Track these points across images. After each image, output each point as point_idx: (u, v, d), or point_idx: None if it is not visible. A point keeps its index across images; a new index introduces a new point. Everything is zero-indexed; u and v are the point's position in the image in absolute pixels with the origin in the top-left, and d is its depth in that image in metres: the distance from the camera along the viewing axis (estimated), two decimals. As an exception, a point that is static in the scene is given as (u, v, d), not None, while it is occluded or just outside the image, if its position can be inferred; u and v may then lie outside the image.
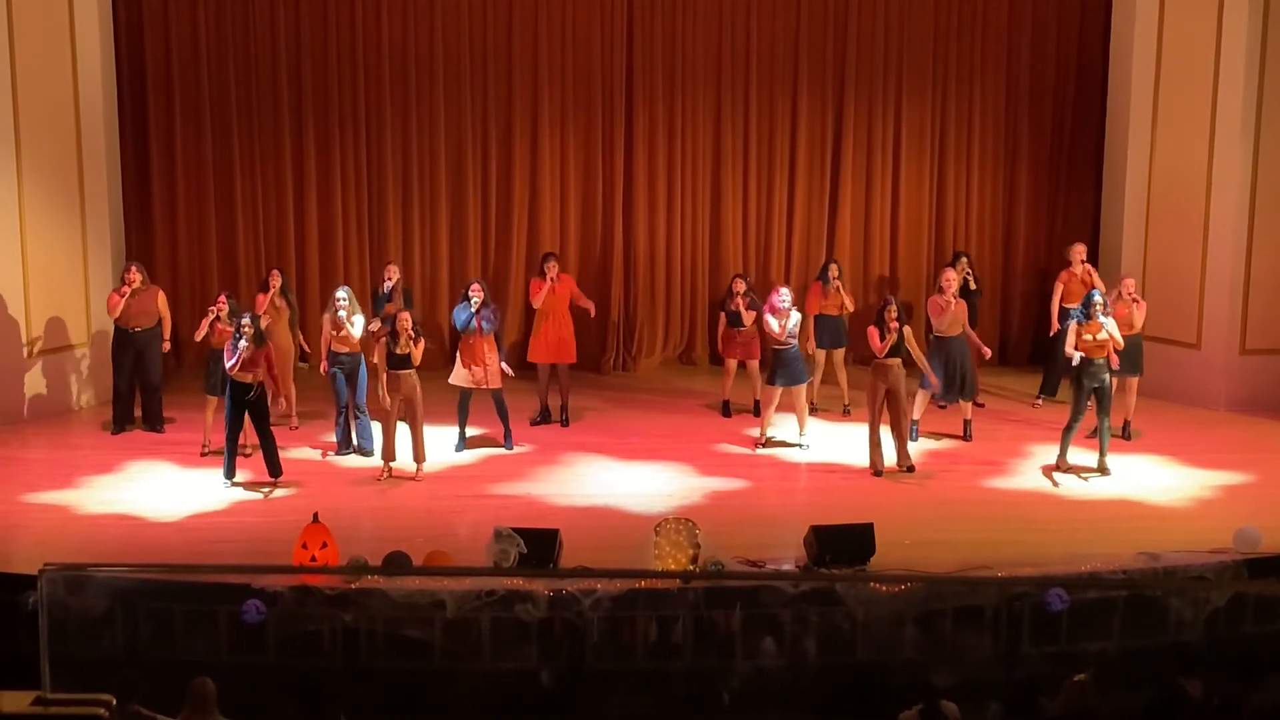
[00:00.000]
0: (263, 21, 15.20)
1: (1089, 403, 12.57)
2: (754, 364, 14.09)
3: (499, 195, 15.78)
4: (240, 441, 12.35)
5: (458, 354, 13.32)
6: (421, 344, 12.48)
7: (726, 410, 14.27)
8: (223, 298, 12.98)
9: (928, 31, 15.83)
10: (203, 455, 12.91)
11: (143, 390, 13.73)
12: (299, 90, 15.36)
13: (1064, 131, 16.18)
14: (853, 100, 15.88)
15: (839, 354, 14.46)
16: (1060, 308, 14.20)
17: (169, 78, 15.13)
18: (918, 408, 13.46)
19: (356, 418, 13.10)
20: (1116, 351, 12.58)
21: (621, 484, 12.56)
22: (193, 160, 15.30)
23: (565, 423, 14.00)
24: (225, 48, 15.16)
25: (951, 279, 13.65)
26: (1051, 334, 14.42)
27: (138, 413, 13.76)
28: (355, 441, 13.10)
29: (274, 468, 12.26)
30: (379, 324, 13.07)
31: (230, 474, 12.28)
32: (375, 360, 12.58)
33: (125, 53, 14.97)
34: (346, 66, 15.37)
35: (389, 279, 13.75)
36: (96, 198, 14.32)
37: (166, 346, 13.79)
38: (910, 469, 12.62)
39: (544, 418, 13.91)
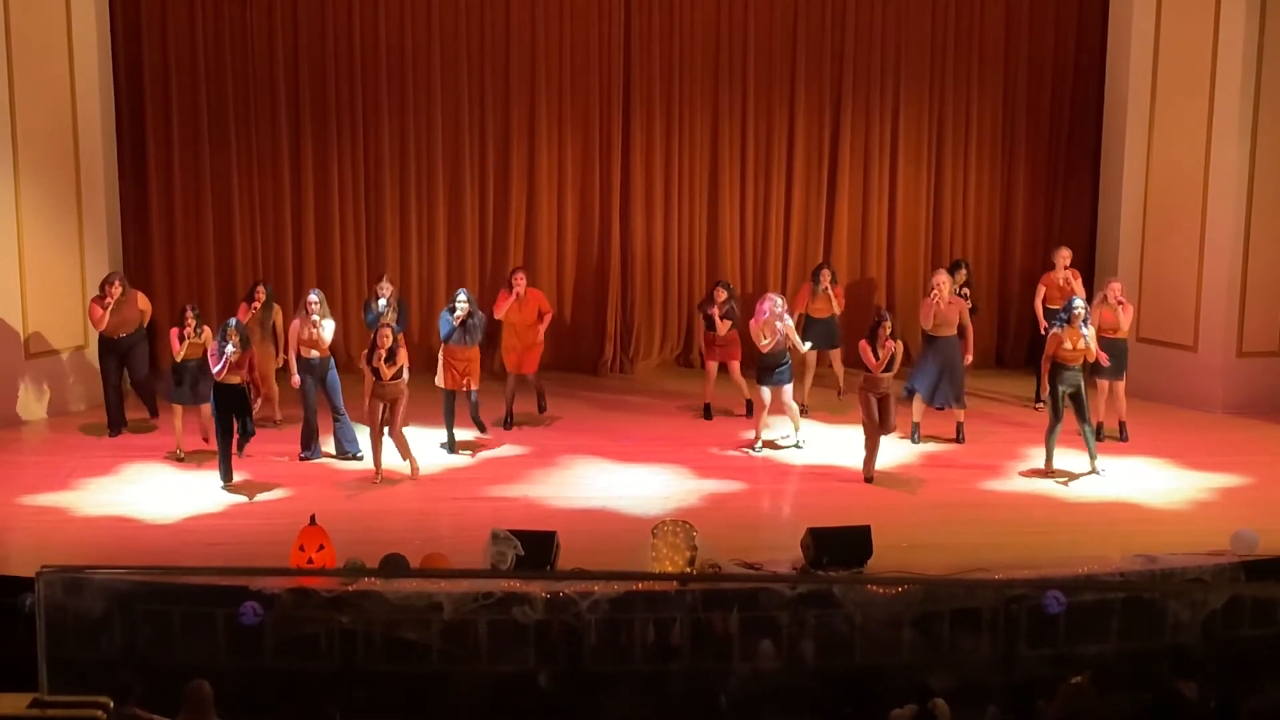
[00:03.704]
0: (260, 28, 15.17)
1: (1067, 406, 12.58)
2: (735, 364, 14.11)
3: (496, 198, 15.77)
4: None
5: (440, 358, 13.34)
6: (394, 368, 12.42)
7: (708, 413, 14.28)
8: (189, 314, 12.91)
9: (925, 33, 15.82)
10: (179, 460, 12.90)
11: (134, 385, 13.84)
12: (296, 95, 15.34)
13: (1061, 133, 16.19)
14: (850, 102, 15.88)
15: (835, 353, 14.45)
16: (1045, 308, 14.22)
17: (166, 83, 15.09)
18: (916, 410, 13.47)
19: (337, 420, 13.10)
20: (1089, 360, 12.63)
21: (618, 486, 12.56)
22: (190, 165, 15.26)
23: (542, 409, 14.06)
24: (222, 54, 15.13)
25: (942, 282, 13.60)
26: (1043, 331, 14.43)
27: (136, 415, 13.77)
28: (339, 446, 13.09)
29: (241, 445, 12.41)
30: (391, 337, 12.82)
31: (227, 478, 12.28)
32: (362, 366, 12.64)
33: (122, 58, 14.93)
34: (344, 72, 15.35)
35: (383, 295, 13.67)
36: (94, 202, 14.32)
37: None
38: (869, 479, 12.57)
39: (508, 423, 13.89)
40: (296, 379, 13.00)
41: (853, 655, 10.05)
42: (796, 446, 13.40)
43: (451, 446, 13.27)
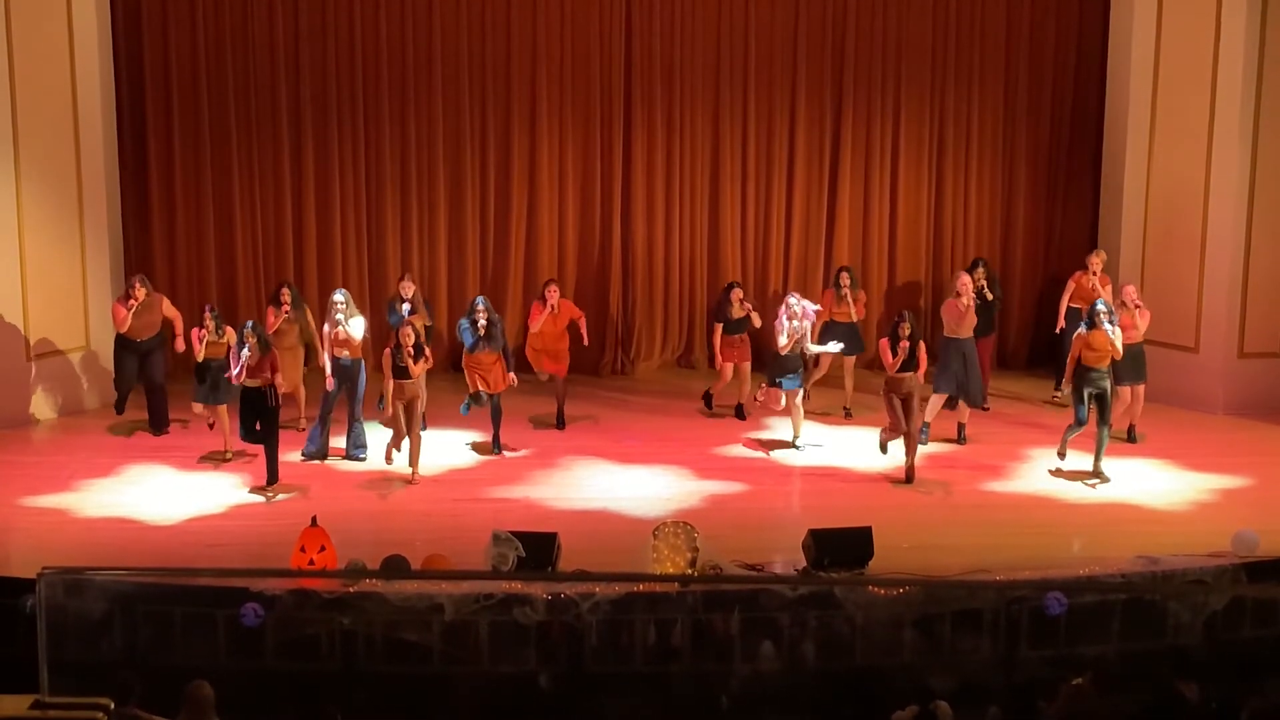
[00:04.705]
0: (261, 28, 15.17)
1: (1091, 408, 12.57)
2: (746, 365, 14.11)
3: (497, 199, 15.77)
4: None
5: (465, 369, 13.30)
6: (422, 363, 12.51)
7: (708, 402, 14.32)
8: (208, 315, 12.92)
9: (926, 36, 15.82)
10: (225, 461, 12.92)
11: (147, 390, 13.75)
12: (296, 92, 15.34)
13: (1062, 137, 16.19)
14: (851, 105, 15.88)
15: (849, 360, 14.43)
16: (1068, 307, 14.20)
17: (167, 83, 15.10)
18: (930, 410, 13.43)
19: (352, 424, 13.10)
20: (1116, 359, 12.61)
21: (620, 487, 12.56)
22: (191, 165, 15.27)
23: (561, 425, 14.01)
24: (223, 54, 15.14)
25: (968, 283, 13.63)
26: (1058, 331, 14.41)
27: (137, 416, 13.78)
28: (349, 449, 13.09)
29: (272, 474, 12.30)
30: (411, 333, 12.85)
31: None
32: (381, 368, 12.64)
33: (124, 58, 14.93)
34: (345, 72, 15.35)
35: (405, 295, 13.66)
36: (95, 202, 14.32)
37: (180, 345, 13.55)
38: (909, 479, 12.59)
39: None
40: (331, 382, 12.95)
41: (854, 657, 10.05)
42: (794, 447, 13.41)
43: (467, 408, 13.24)
